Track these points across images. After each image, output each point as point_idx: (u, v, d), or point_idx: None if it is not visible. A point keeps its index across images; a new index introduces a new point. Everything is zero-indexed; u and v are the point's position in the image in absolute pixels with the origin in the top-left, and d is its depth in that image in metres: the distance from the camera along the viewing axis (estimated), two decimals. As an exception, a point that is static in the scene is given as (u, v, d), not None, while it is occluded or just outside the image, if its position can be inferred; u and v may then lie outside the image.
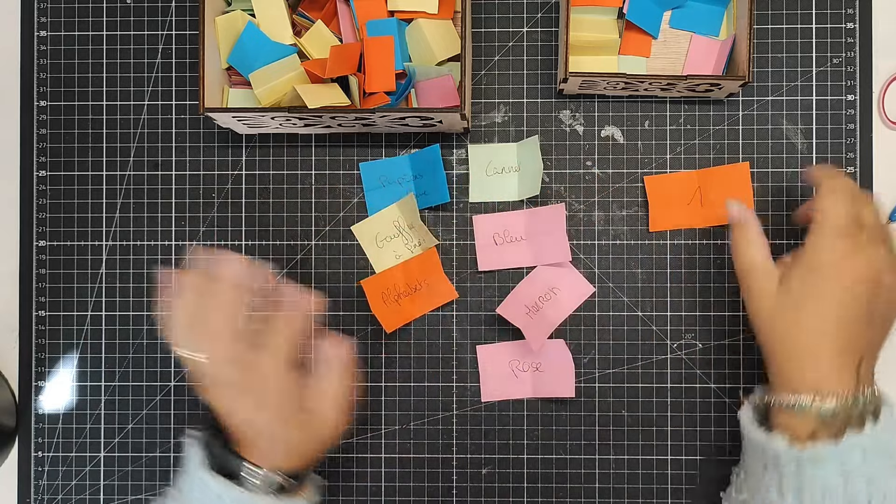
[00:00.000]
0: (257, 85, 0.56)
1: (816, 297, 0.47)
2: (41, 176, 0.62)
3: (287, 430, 0.48)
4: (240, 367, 0.47)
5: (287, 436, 0.48)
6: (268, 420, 0.48)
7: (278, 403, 0.48)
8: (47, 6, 0.62)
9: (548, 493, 0.60)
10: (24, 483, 0.61)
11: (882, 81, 0.60)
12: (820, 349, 0.47)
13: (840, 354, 0.46)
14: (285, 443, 0.48)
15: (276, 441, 0.48)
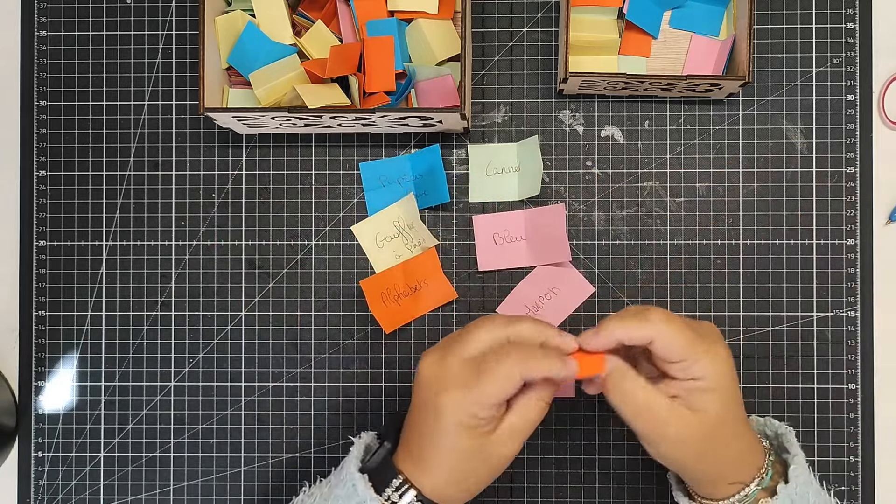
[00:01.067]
0: (257, 85, 0.56)
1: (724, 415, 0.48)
2: (41, 176, 0.62)
3: (463, 439, 0.46)
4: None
5: (459, 444, 0.46)
6: (443, 444, 0.46)
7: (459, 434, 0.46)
8: (47, 6, 0.62)
9: (548, 493, 0.60)
10: (24, 483, 0.61)
11: (882, 81, 0.60)
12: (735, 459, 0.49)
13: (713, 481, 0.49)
14: (451, 452, 0.47)
15: (442, 447, 0.46)
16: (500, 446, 0.47)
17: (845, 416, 0.60)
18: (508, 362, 0.45)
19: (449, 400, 0.46)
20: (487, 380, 0.45)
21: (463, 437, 0.46)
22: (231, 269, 0.61)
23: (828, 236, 0.60)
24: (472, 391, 0.45)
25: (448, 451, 0.46)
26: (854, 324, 0.60)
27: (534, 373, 0.45)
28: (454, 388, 0.46)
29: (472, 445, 0.46)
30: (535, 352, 0.46)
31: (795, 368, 0.60)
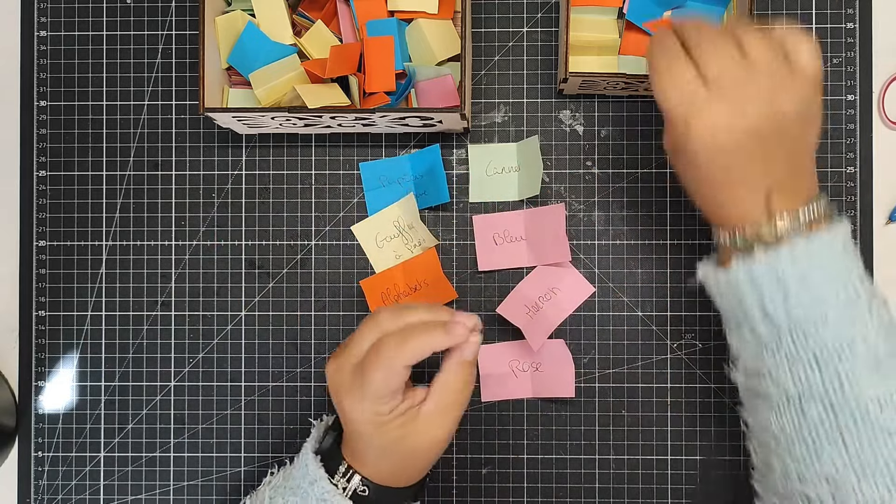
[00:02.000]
0: (257, 85, 0.56)
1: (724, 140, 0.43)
2: (41, 176, 0.62)
3: (381, 435, 0.47)
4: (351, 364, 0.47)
5: (381, 441, 0.47)
6: (366, 441, 0.47)
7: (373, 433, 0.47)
8: (47, 6, 0.62)
9: (548, 493, 0.60)
10: (24, 483, 0.61)
11: (882, 81, 0.60)
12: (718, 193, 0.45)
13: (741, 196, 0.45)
14: (379, 448, 0.47)
15: (369, 445, 0.47)
16: (429, 429, 0.47)
17: (845, 416, 0.60)
18: (384, 352, 0.45)
19: (349, 407, 0.46)
20: (370, 377, 0.45)
21: (380, 435, 0.46)
22: (231, 269, 0.61)
23: (828, 236, 0.60)
24: (364, 392, 0.46)
25: (374, 448, 0.47)
26: (854, 324, 0.60)
27: (413, 353, 0.45)
28: (348, 393, 0.46)
29: (395, 438, 0.47)
30: (410, 332, 0.45)
31: (795, 368, 0.60)
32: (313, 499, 0.47)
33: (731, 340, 0.48)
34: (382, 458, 0.48)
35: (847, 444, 0.43)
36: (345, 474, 0.48)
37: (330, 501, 0.47)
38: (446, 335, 0.45)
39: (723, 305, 0.47)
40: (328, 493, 0.47)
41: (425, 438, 0.47)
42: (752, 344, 0.46)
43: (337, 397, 0.47)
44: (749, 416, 0.49)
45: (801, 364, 0.44)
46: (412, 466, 0.49)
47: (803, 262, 0.43)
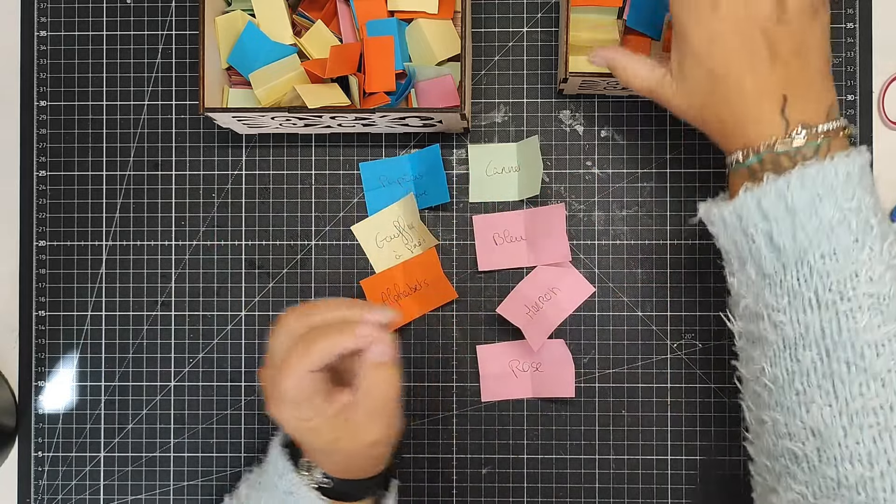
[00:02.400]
0: (257, 85, 0.56)
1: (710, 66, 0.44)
2: (41, 176, 0.62)
3: (314, 439, 0.46)
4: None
5: (317, 444, 0.47)
6: (293, 427, 0.47)
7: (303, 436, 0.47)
8: (47, 6, 0.62)
9: (548, 493, 0.60)
10: (24, 483, 0.61)
11: (882, 81, 0.60)
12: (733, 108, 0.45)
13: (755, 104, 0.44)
14: (319, 450, 0.48)
15: (310, 447, 0.48)
16: (360, 434, 0.46)
17: (845, 416, 0.60)
18: (289, 360, 0.44)
19: (276, 415, 0.46)
20: (282, 385, 0.44)
21: (314, 438, 0.46)
22: (231, 269, 0.61)
23: (828, 236, 0.60)
24: (281, 400, 0.45)
25: (315, 450, 0.48)
26: (854, 324, 0.60)
27: (316, 359, 0.43)
28: (271, 401, 0.46)
29: (329, 441, 0.46)
30: (314, 336, 0.44)
31: (795, 368, 0.60)
32: (281, 492, 0.48)
33: (731, 282, 0.47)
34: (326, 457, 0.48)
35: (837, 393, 0.41)
36: (307, 467, 0.49)
37: (296, 493, 0.47)
38: (350, 337, 0.43)
39: (726, 243, 0.46)
40: (294, 485, 0.47)
41: (360, 442, 0.46)
42: (755, 282, 0.44)
43: (266, 405, 0.46)
44: (743, 367, 0.47)
45: (802, 301, 0.42)
46: (359, 464, 0.48)
47: (815, 186, 0.41)
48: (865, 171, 0.43)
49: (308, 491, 0.47)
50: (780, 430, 0.43)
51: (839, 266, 0.41)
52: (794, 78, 0.44)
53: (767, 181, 0.42)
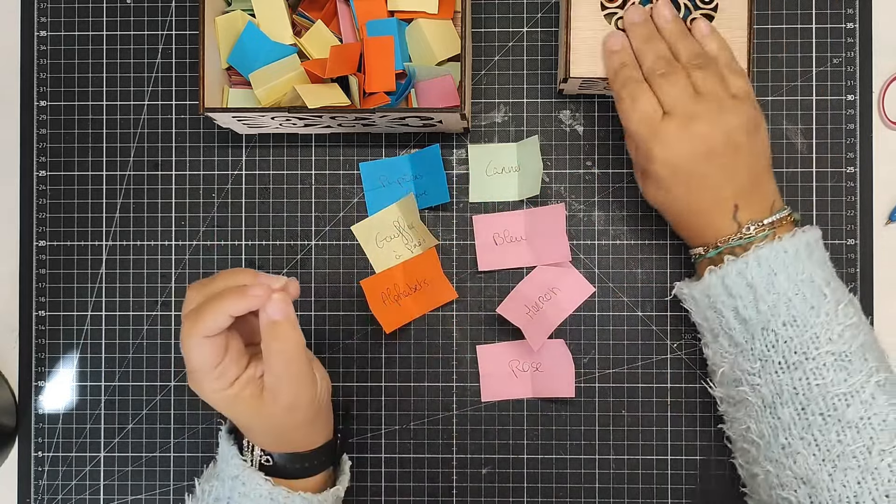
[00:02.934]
0: (257, 85, 0.56)
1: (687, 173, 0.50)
2: (41, 176, 0.62)
3: (238, 410, 0.47)
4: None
5: (242, 416, 0.47)
6: (233, 417, 0.48)
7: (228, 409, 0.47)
8: (47, 6, 0.62)
9: (548, 493, 0.60)
10: (24, 483, 0.61)
11: (882, 81, 0.60)
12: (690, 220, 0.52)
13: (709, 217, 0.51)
14: (245, 423, 0.48)
15: (237, 420, 0.49)
16: (278, 398, 0.46)
17: (845, 416, 0.60)
18: (185, 329, 0.44)
19: (196, 389, 0.46)
20: (187, 357, 0.45)
21: (237, 409, 0.47)
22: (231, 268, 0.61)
23: (828, 236, 0.60)
24: (192, 373, 0.45)
25: (242, 423, 0.49)
26: (854, 324, 0.60)
27: (210, 323, 0.43)
28: (189, 377, 0.46)
29: (251, 411, 0.46)
30: (206, 303, 0.44)
31: (795, 368, 0.60)
32: (229, 477, 0.48)
33: (707, 353, 0.54)
34: (254, 430, 0.48)
35: (818, 443, 0.46)
36: (248, 448, 0.49)
37: (241, 476, 0.48)
38: (241, 298, 0.43)
39: (699, 318, 0.53)
40: (238, 467, 0.48)
41: (279, 407, 0.46)
42: (729, 352, 0.51)
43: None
44: (730, 428, 0.53)
45: (773, 365, 0.48)
46: (290, 436, 0.49)
47: (769, 264, 0.48)
48: (814, 246, 0.50)
49: (252, 473, 0.48)
50: (772, 481, 0.48)
51: (800, 331, 0.48)
52: (743, 188, 0.50)
53: (728, 263, 0.49)
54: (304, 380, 0.47)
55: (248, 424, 0.49)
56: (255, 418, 0.47)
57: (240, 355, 0.46)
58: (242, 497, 0.47)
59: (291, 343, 0.45)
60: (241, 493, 0.48)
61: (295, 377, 0.46)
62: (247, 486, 0.48)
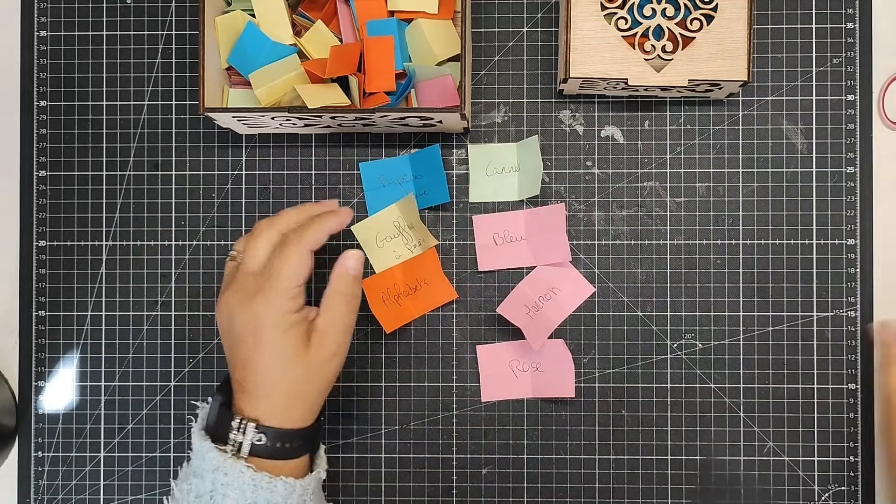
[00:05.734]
0: (257, 85, 0.56)
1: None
2: (41, 176, 0.62)
3: (283, 345, 0.49)
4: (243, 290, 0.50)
5: (281, 356, 0.49)
6: (266, 358, 0.49)
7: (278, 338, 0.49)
8: (47, 6, 0.62)
9: (548, 493, 0.60)
10: (24, 483, 0.61)
11: (882, 81, 0.60)
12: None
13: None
14: (278, 369, 0.49)
15: (269, 366, 0.49)
16: (323, 342, 0.50)
17: (845, 416, 0.60)
18: (290, 244, 0.50)
19: (260, 308, 0.49)
20: (282, 269, 0.49)
21: (284, 342, 0.49)
22: (231, 269, 0.61)
23: (828, 236, 0.60)
24: (274, 289, 0.49)
25: (273, 369, 0.50)
26: (854, 324, 0.60)
27: (316, 237, 0.51)
28: (255, 298, 0.49)
29: (293, 351, 0.50)
30: (307, 224, 0.51)
31: (795, 368, 0.60)
32: (208, 471, 0.48)
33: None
34: (279, 383, 0.50)
35: None
36: (239, 428, 0.49)
37: (222, 468, 0.48)
38: (336, 220, 0.52)
39: None
40: (218, 460, 0.48)
41: (321, 353, 0.50)
42: None
43: (242, 312, 0.50)
44: None
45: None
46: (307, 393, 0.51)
47: None
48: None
49: (233, 462, 0.48)
50: None
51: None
52: None
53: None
54: (349, 335, 0.52)
55: (274, 371, 0.49)
56: (290, 363, 0.50)
57: (303, 293, 0.51)
58: (226, 487, 0.48)
59: (355, 294, 0.52)
60: (223, 483, 0.48)
61: (345, 329, 0.51)
62: (229, 476, 0.48)
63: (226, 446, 0.49)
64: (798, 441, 0.60)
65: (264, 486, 0.48)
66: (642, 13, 0.55)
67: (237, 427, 0.49)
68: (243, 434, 0.49)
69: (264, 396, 0.50)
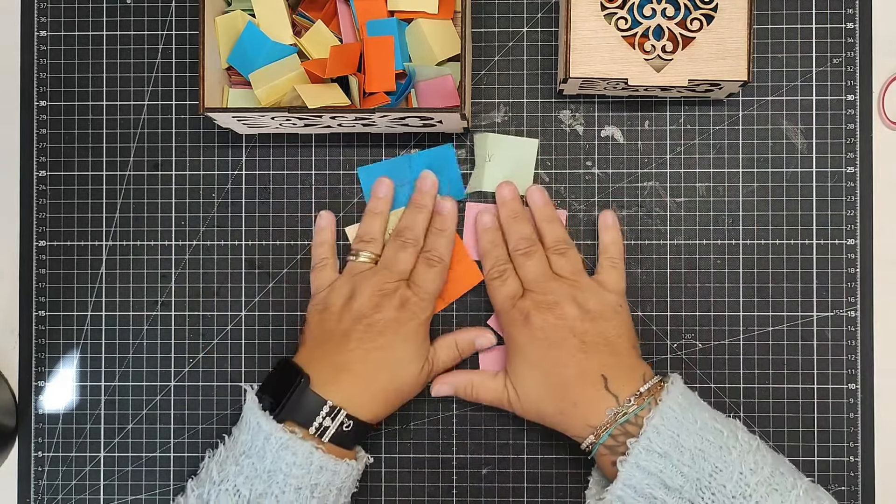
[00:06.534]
0: (257, 85, 0.56)
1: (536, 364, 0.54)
2: (41, 176, 0.62)
3: (406, 373, 0.54)
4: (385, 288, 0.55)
5: (405, 379, 0.54)
6: (397, 356, 0.54)
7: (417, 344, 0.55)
8: (47, 6, 0.62)
9: (548, 493, 0.60)
10: (24, 483, 0.61)
11: (882, 81, 0.60)
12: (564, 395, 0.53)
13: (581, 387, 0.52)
14: (396, 387, 0.54)
15: (389, 383, 0.53)
16: (432, 367, 0.57)
17: (845, 416, 0.60)
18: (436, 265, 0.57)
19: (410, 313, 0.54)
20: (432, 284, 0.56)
21: (419, 349, 0.55)
22: (231, 269, 0.61)
23: (828, 236, 0.60)
24: (423, 298, 0.55)
25: (400, 367, 0.54)
26: (854, 324, 0.60)
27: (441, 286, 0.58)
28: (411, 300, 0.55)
29: (420, 362, 0.55)
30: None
31: (795, 368, 0.60)
32: (272, 451, 0.49)
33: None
34: (393, 382, 0.54)
35: None
36: (330, 414, 0.51)
37: (291, 447, 0.49)
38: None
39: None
40: (285, 439, 0.49)
41: (431, 370, 0.57)
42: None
43: (388, 305, 0.54)
44: None
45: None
46: (401, 399, 0.56)
47: (668, 429, 0.49)
48: (685, 391, 0.52)
49: (302, 442, 0.49)
50: None
51: (726, 473, 0.48)
52: (607, 360, 0.52)
53: (633, 446, 0.49)
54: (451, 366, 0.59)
55: (398, 372, 0.54)
56: (415, 369, 0.55)
57: None
58: (291, 467, 0.49)
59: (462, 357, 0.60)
60: (288, 463, 0.49)
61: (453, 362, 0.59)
62: (298, 456, 0.49)
63: (295, 426, 0.50)
64: (798, 441, 0.60)
65: (331, 467, 0.50)
66: (642, 13, 0.55)
67: (328, 413, 0.51)
68: (332, 419, 0.51)
69: (366, 389, 0.53)
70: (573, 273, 0.56)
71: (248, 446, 0.50)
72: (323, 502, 0.51)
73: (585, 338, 0.53)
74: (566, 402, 0.53)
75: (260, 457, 0.50)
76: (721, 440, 0.49)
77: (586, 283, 0.56)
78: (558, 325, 0.53)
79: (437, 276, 0.56)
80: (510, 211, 0.58)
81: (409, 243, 0.57)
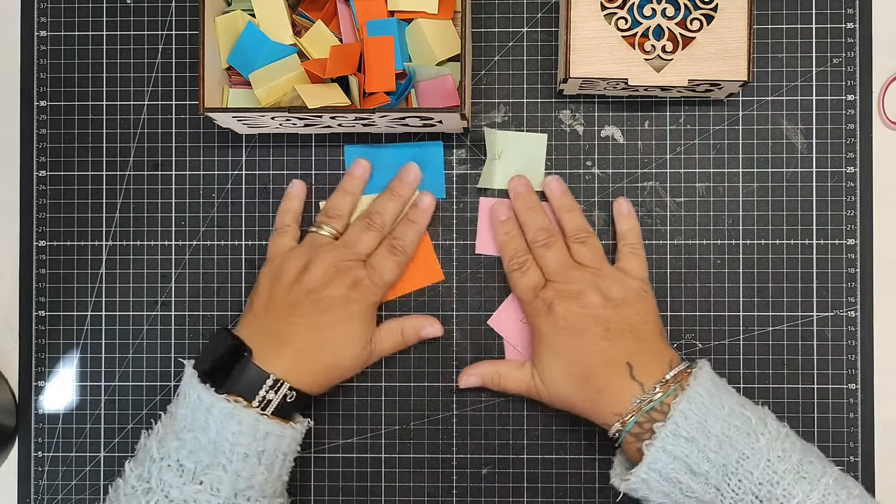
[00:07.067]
0: (257, 85, 0.56)
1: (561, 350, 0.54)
2: (41, 176, 0.62)
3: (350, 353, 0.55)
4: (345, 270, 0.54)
5: (348, 357, 0.55)
6: (341, 335, 0.54)
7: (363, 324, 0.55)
8: (47, 6, 0.62)
9: (548, 493, 0.60)
10: (24, 483, 0.61)
11: (882, 81, 0.60)
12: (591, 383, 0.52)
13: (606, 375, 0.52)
14: (337, 364, 0.54)
15: (331, 359, 0.53)
16: (376, 349, 0.57)
17: (845, 416, 0.60)
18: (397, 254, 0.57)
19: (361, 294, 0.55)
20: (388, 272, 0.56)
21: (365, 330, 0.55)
22: (231, 269, 0.61)
23: (828, 236, 0.60)
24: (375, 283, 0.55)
25: (344, 345, 0.54)
26: (854, 324, 0.60)
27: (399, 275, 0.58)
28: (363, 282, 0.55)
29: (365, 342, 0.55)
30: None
31: (795, 368, 0.60)
32: (216, 421, 0.49)
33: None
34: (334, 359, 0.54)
35: None
36: (273, 387, 0.51)
37: (236, 416, 0.49)
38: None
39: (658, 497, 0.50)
40: (229, 408, 0.50)
41: (375, 352, 0.57)
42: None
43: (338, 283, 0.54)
44: None
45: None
46: (343, 377, 0.56)
47: (695, 414, 0.49)
48: (713, 377, 0.52)
49: (246, 410, 0.50)
50: None
51: (753, 460, 0.48)
52: (632, 347, 0.52)
53: (659, 430, 0.49)
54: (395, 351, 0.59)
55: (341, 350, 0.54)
56: (359, 349, 0.55)
57: None
58: (237, 436, 0.49)
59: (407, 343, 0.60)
60: (235, 432, 0.49)
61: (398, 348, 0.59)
62: (243, 425, 0.50)
63: (238, 397, 0.51)
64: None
65: (277, 432, 0.51)
66: (642, 13, 0.55)
67: (271, 386, 0.51)
68: (275, 392, 0.51)
69: (308, 364, 0.53)
70: (595, 261, 0.55)
71: (188, 420, 0.50)
72: (270, 469, 0.51)
73: (609, 325, 0.53)
74: (591, 391, 0.52)
75: (203, 429, 0.50)
76: (749, 427, 0.49)
77: (608, 272, 0.55)
78: (582, 314, 0.53)
79: (395, 265, 0.56)
80: (525, 202, 0.58)
81: (374, 227, 0.56)
